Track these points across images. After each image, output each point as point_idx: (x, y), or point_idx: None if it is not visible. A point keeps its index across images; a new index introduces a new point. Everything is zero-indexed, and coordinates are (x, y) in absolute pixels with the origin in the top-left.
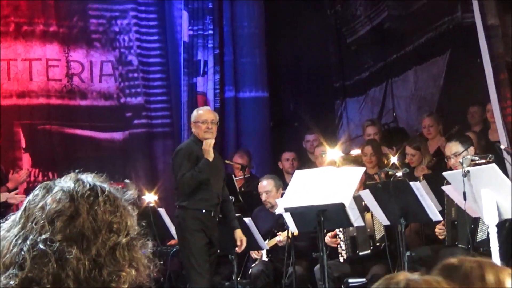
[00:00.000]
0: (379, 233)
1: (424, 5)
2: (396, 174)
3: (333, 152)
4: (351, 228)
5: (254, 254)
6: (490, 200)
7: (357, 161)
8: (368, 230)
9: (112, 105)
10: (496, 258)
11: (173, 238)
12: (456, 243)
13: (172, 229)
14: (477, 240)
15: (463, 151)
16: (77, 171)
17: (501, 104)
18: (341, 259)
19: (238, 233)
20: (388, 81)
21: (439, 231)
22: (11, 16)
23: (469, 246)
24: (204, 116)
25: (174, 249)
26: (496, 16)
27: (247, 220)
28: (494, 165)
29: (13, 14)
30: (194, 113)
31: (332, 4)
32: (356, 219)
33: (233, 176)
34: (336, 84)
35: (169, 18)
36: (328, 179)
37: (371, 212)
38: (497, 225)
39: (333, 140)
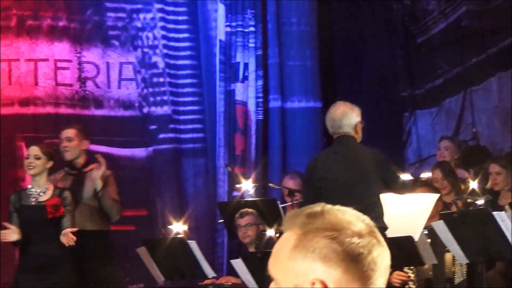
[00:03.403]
0: (459, 277)
1: None
2: (477, 202)
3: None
4: (426, 266)
5: None
6: None
7: (429, 185)
8: (447, 271)
9: (133, 115)
10: None
11: (206, 277)
12: None
13: (205, 265)
14: None
15: None
16: None
17: None
18: None
19: None
20: (466, 91)
21: None
22: (12, 8)
23: None
24: None
25: None
26: None
27: None
28: None
29: (15, 5)
30: (357, 109)
31: None
32: (429, 256)
33: (278, 202)
34: (403, 93)
35: (202, 11)
36: (393, 208)
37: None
38: None
39: (399, 160)
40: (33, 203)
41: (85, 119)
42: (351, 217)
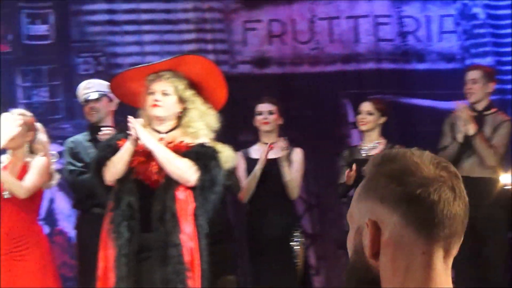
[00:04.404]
0: None
1: None
2: None
3: None
4: None
5: None
6: None
7: None
8: None
9: (456, 68)
10: None
11: None
12: None
13: None
14: None
15: None
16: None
17: None
18: None
19: None
20: None
21: None
22: None
23: None
24: None
25: None
26: None
27: None
28: None
29: None
30: None
31: None
32: None
33: None
34: None
35: None
36: None
37: None
38: None
39: None
40: (363, 157)
41: (408, 73)
42: (423, 160)
